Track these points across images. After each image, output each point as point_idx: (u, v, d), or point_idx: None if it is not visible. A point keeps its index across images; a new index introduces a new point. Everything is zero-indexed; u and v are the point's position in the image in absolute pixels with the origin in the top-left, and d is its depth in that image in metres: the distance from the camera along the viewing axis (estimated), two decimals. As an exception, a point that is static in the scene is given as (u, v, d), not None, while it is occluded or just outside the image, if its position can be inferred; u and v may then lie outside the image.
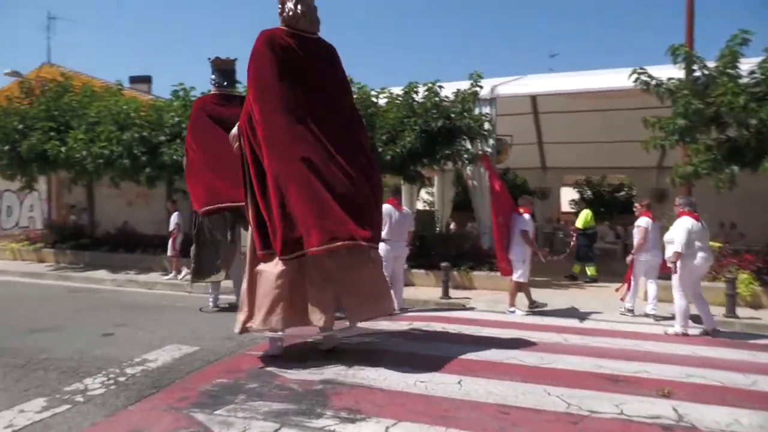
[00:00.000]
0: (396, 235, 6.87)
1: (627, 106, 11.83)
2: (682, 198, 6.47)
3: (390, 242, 6.76)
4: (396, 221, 6.87)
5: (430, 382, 4.09)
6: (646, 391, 4.00)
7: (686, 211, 6.07)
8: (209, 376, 4.22)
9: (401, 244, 7.04)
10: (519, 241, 7.07)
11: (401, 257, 7.19)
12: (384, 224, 6.24)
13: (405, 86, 9.79)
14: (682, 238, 5.82)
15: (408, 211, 7.32)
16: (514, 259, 7.09)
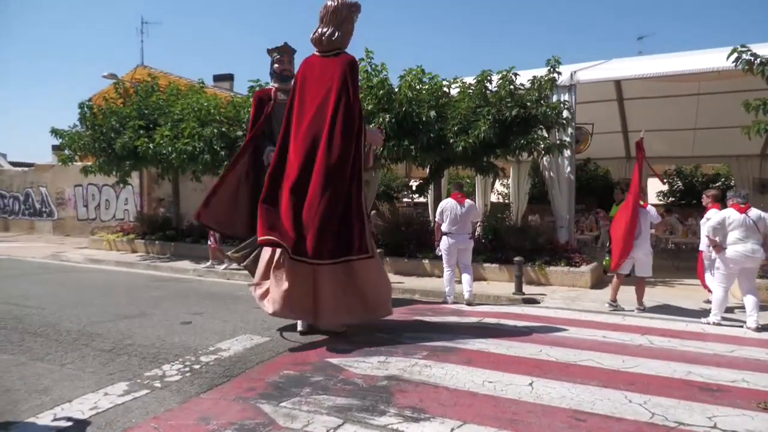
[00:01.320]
0: (459, 228, 7.19)
1: (723, 89, 10.84)
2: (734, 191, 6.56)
3: (452, 235, 7.17)
4: (459, 215, 7.17)
5: (499, 383, 3.91)
6: (743, 402, 3.60)
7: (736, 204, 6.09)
8: (277, 368, 4.28)
9: (464, 236, 7.25)
10: (646, 236, 6.80)
11: (467, 249, 7.33)
12: (445, 218, 7.18)
13: (478, 75, 9.49)
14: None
15: (471, 203, 7.40)
16: (642, 254, 6.73)
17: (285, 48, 7.37)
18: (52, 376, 4.06)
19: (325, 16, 5.50)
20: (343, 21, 5.50)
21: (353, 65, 5.49)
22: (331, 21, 5.49)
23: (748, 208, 6.02)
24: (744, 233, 5.89)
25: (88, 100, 13.53)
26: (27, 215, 20.01)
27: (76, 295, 7.60)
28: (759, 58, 6.88)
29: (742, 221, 5.92)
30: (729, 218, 6.01)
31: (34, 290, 8.02)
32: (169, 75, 19.34)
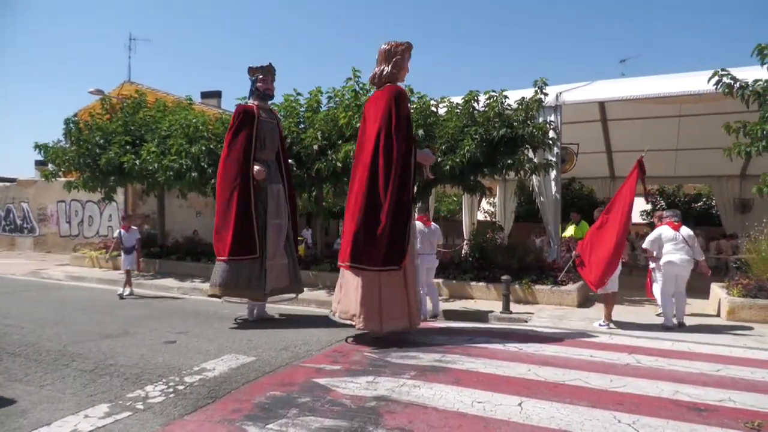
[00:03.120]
0: (426, 248, 7.59)
1: (704, 111, 11.11)
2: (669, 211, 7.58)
3: (421, 256, 7.43)
4: (425, 235, 7.59)
5: (489, 403, 3.88)
6: (730, 422, 3.60)
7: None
8: (263, 388, 4.21)
9: (432, 256, 7.75)
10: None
11: (432, 268, 7.85)
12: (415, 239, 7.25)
13: (465, 95, 9.61)
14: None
15: (436, 227, 7.90)
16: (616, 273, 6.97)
17: (270, 68, 7.47)
18: (31, 398, 3.94)
19: (380, 56, 6.22)
20: (393, 58, 6.13)
21: (397, 94, 5.97)
22: (383, 60, 6.18)
23: (680, 226, 7.13)
24: (675, 246, 7.01)
25: (73, 116, 13.44)
26: (8, 231, 19.67)
27: (57, 314, 7.44)
28: (738, 82, 7.06)
29: (674, 236, 7.05)
30: (663, 234, 7.13)
31: (14, 308, 7.83)
32: (156, 91, 19.32)
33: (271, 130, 7.45)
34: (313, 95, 10.88)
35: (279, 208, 7.30)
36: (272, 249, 7.12)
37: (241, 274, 6.93)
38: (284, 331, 6.53)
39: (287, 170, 7.80)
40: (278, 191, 7.34)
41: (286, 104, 10.89)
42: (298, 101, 11.00)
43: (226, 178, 7.06)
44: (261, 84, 7.39)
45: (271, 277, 7.08)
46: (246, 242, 6.94)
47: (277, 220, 7.25)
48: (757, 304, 7.32)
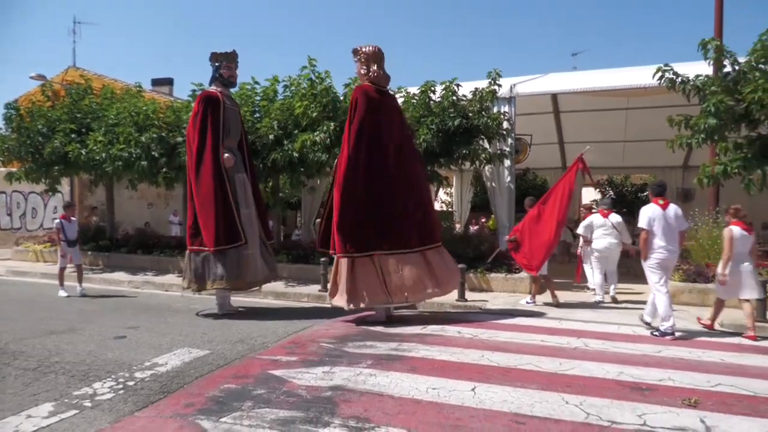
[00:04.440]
0: None
1: (651, 104, 11.50)
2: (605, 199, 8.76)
3: None
4: None
5: (443, 389, 3.96)
6: (670, 400, 3.80)
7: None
8: (217, 382, 4.15)
9: None
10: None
11: None
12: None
13: (421, 85, 9.64)
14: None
15: None
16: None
17: (233, 55, 7.30)
18: (-32, 399, 3.75)
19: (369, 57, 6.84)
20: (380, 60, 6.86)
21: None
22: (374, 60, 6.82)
23: (610, 213, 8.08)
24: (605, 231, 7.99)
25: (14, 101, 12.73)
26: (-58, 225, 18.50)
27: (-3, 311, 7.10)
28: (680, 77, 7.35)
29: (603, 223, 8.04)
30: (594, 221, 8.14)
31: (-51, 306, 7.42)
32: (103, 77, 18.53)
33: (235, 117, 7.35)
34: (270, 84, 10.68)
35: (246, 197, 7.21)
36: (247, 239, 7.03)
37: (223, 265, 6.79)
38: (240, 323, 6.44)
39: (250, 158, 7.68)
40: (244, 180, 7.25)
41: (242, 92, 10.65)
42: (254, 90, 10.78)
43: (201, 167, 6.86)
44: (225, 71, 7.23)
45: (249, 268, 7.00)
46: (231, 231, 6.83)
47: (247, 209, 7.15)
48: (696, 288, 7.72)
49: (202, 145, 6.89)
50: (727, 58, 7.11)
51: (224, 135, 7.06)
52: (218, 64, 7.24)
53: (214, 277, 6.77)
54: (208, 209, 6.78)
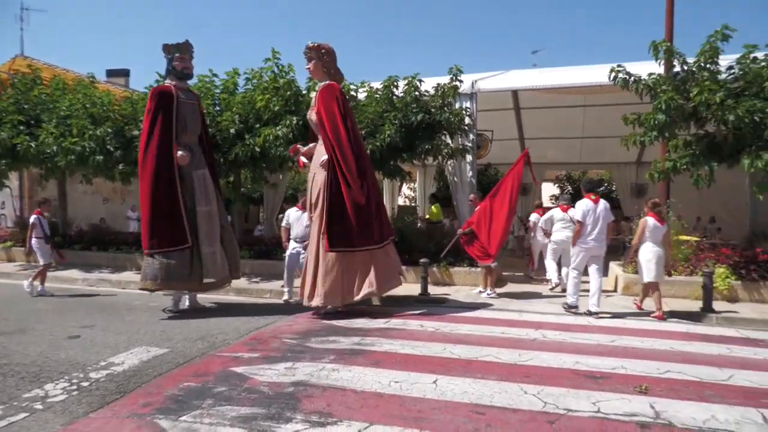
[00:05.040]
0: (303, 236, 7.73)
1: (607, 102, 11.87)
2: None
3: (296, 240, 7.88)
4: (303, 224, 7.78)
5: (405, 382, 4.00)
6: (623, 387, 3.95)
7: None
8: (177, 380, 4.07)
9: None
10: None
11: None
12: (292, 225, 7.99)
13: (384, 80, 9.65)
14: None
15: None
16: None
17: (186, 45, 7.09)
18: None
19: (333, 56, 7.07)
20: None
21: None
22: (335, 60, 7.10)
23: (569, 208, 8.41)
24: (563, 225, 8.43)
25: (-45, 92, 12.07)
26: None
27: (-60, 311, 6.75)
28: (633, 76, 7.61)
29: (562, 217, 8.53)
30: (555, 215, 8.71)
31: None
32: (54, 67, 17.77)
33: (193, 111, 7.08)
34: (230, 76, 10.48)
35: (206, 194, 7.00)
36: (204, 237, 6.85)
37: (175, 265, 6.61)
38: (201, 320, 6.33)
39: (211, 153, 7.49)
40: (204, 176, 7.04)
41: (201, 85, 10.41)
42: (213, 83, 10.55)
43: (147, 166, 6.65)
44: (178, 63, 7.00)
45: (206, 267, 6.83)
46: (176, 232, 6.63)
47: (206, 207, 6.94)
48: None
49: (147, 143, 6.69)
50: (676, 58, 7.40)
51: (180, 131, 6.84)
52: (170, 56, 7.00)
53: (161, 277, 6.58)
54: (146, 209, 6.65)
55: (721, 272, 7.59)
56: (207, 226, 6.92)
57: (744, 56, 7.26)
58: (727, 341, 5.56)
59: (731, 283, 7.56)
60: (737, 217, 11.63)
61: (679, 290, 7.81)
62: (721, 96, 6.84)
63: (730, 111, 6.76)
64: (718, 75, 7.25)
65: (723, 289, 7.49)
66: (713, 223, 14.10)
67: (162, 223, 6.60)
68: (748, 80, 7.11)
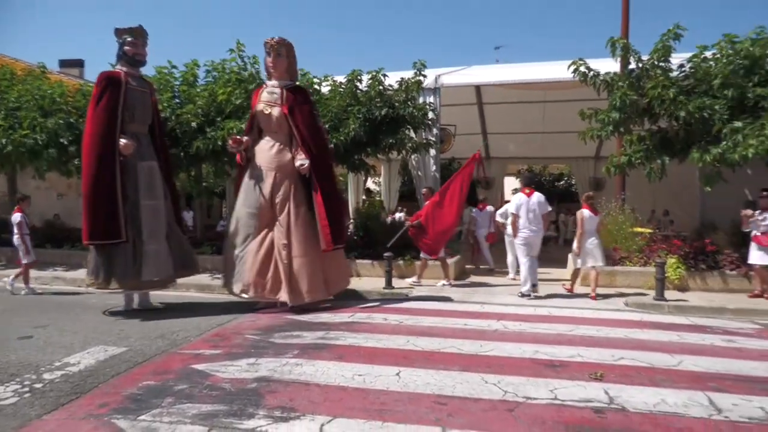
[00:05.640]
0: None
1: (567, 98, 12.14)
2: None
3: None
4: None
5: (369, 375, 4.02)
6: (579, 375, 4.08)
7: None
8: (135, 379, 3.98)
9: None
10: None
11: None
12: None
13: (348, 74, 9.63)
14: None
15: None
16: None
17: (140, 30, 6.73)
18: None
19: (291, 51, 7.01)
20: None
21: None
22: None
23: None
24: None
25: None
26: None
27: None
28: (592, 71, 7.82)
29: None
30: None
31: None
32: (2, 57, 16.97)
33: (143, 100, 6.71)
34: (189, 68, 10.24)
35: (153, 187, 6.64)
36: (147, 233, 6.49)
37: (114, 262, 6.31)
38: (161, 318, 6.19)
39: (164, 146, 7.14)
40: (151, 169, 6.67)
41: (160, 77, 10.14)
42: (172, 74, 10.29)
43: (89, 154, 6.30)
44: (129, 48, 6.62)
45: (148, 265, 6.47)
46: (111, 225, 6.25)
47: (151, 201, 6.60)
48: (605, 270, 8.28)
49: (92, 131, 6.31)
50: (632, 56, 7.64)
51: (128, 119, 6.47)
52: (122, 41, 6.62)
53: (102, 275, 6.30)
54: (84, 198, 6.30)
55: (673, 263, 7.91)
56: (152, 222, 6.54)
57: (695, 55, 7.56)
58: (678, 328, 5.80)
59: (682, 273, 7.89)
60: (688, 210, 12.11)
61: (633, 280, 8.11)
62: (673, 92, 7.10)
63: (681, 107, 7.03)
64: (671, 72, 7.53)
65: (674, 279, 7.82)
66: (667, 215, 14.64)
67: (98, 213, 6.23)
68: (698, 78, 7.41)
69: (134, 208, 6.44)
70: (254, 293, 6.61)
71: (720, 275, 7.88)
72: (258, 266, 6.59)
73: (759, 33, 7.26)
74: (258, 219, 6.76)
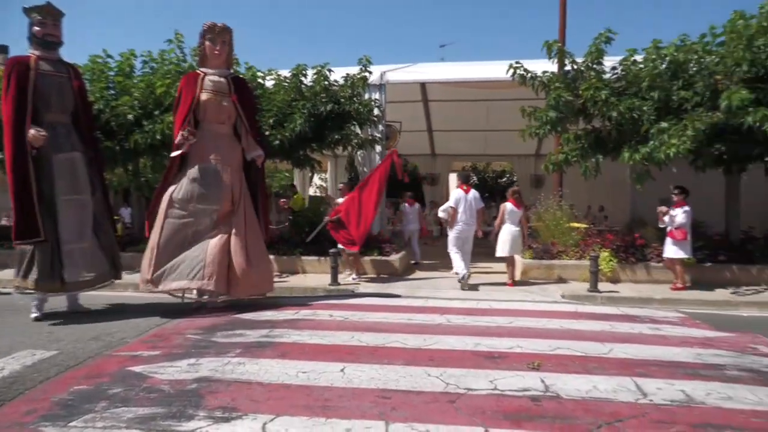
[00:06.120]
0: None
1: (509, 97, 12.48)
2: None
3: None
4: None
5: (313, 372, 4.01)
6: (518, 365, 4.22)
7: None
8: (67, 384, 3.80)
9: None
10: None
11: None
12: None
13: (293, 68, 9.51)
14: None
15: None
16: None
17: (49, 8, 6.09)
18: None
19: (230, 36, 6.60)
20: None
21: None
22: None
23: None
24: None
25: None
26: None
27: None
28: (530, 73, 8.09)
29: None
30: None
31: None
32: None
33: (60, 86, 6.09)
34: (125, 58, 9.82)
35: (75, 181, 6.11)
36: (68, 231, 6.00)
37: (37, 262, 5.89)
38: (95, 319, 5.91)
39: (92, 135, 6.60)
40: (72, 161, 6.11)
41: (94, 67, 9.66)
42: (107, 64, 9.83)
43: (7, 147, 5.81)
44: (39, 28, 5.97)
45: (72, 265, 6.01)
46: (31, 223, 5.78)
47: (72, 196, 6.07)
48: (543, 264, 8.63)
49: (5, 122, 5.84)
50: (567, 58, 7.95)
51: (41, 107, 5.92)
52: (30, 20, 6.02)
53: (22, 274, 5.90)
54: (11, 196, 5.86)
55: (606, 256, 8.31)
56: (74, 219, 6.07)
57: (626, 59, 7.96)
58: (610, 318, 6.11)
59: (614, 265, 8.31)
60: (621, 206, 12.75)
61: (570, 273, 8.47)
62: (605, 93, 7.45)
63: (613, 108, 7.39)
64: (603, 74, 7.90)
65: (607, 271, 8.22)
66: (602, 211, 15.36)
67: (19, 211, 5.81)
68: (629, 80, 7.81)
69: (51, 205, 5.95)
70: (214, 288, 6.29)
71: (647, 268, 8.36)
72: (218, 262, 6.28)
73: (683, 40, 7.73)
74: (212, 215, 6.40)
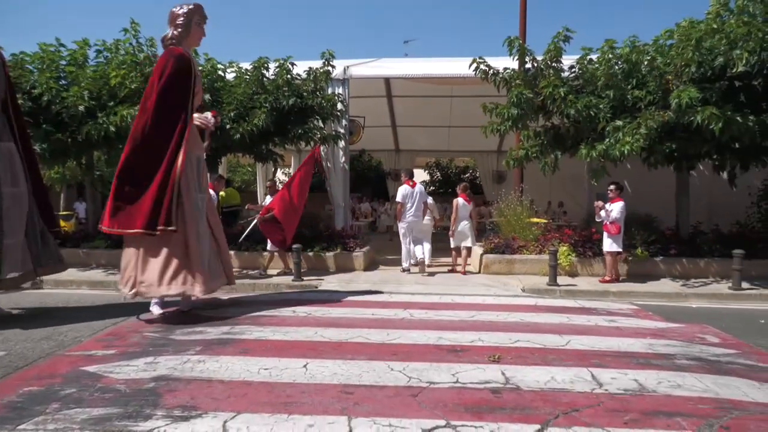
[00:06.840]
0: None
1: (471, 94, 12.64)
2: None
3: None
4: None
5: (275, 369, 3.97)
6: (479, 358, 4.29)
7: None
8: (16, 385, 3.64)
9: None
10: None
11: None
12: None
13: (254, 61, 9.35)
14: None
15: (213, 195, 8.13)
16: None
17: None
18: None
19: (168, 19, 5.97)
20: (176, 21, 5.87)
21: (166, 55, 5.78)
22: (169, 23, 5.92)
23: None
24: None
25: None
26: None
27: None
28: (492, 69, 8.20)
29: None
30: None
31: None
32: None
33: None
34: (79, 47, 9.43)
35: (13, 172, 5.81)
36: (10, 224, 5.65)
37: None
38: (46, 318, 5.70)
39: (22, 125, 6.23)
40: (8, 152, 5.82)
41: (44, 55, 9.24)
42: (59, 53, 9.41)
43: None
44: None
45: (8, 261, 5.66)
46: None
47: (11, 188, 5.76)
48: (504, 258, 8.78)
49: None
50: (528, 55, 8.09)
51: None
52: None
53: None
54: None
55: (564, 250, 8.53)
56: (13, 212, 5.75)
57: (582, 57, 8.16)
58: (568, 311, 6.28)
59: (572, 260, 8.53)
60: (579, 202, 13.11)
61: (530, 267, 8.65)
62: (564, 91, 7.63)
63: (571, 105, 7.57)
64: (562, 72, 8.08)
65: (566, 265, 8.44)
66: (561, 206, 15.74)
67: None
68: (586, 79, 8.01)
69: None
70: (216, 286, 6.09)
71: (603, 261, 8.62)
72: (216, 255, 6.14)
73: (632, 41, 7.95)
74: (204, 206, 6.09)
